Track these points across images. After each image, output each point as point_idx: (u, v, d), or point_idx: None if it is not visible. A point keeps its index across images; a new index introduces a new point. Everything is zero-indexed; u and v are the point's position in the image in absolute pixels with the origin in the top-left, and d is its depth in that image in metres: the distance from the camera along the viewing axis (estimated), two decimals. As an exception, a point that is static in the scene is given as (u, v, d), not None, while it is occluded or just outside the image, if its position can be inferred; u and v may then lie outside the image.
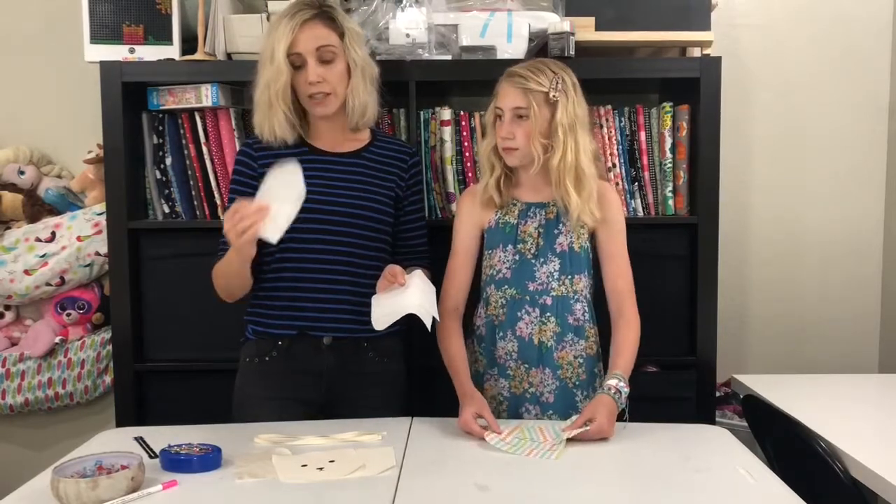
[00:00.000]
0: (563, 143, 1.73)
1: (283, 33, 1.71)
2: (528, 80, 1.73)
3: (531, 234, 1.82)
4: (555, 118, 1.74)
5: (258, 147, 1.82)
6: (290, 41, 1.71)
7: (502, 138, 1.76)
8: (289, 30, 1.71)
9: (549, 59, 1.84)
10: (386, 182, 1.85)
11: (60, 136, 2.51)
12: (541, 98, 1.73)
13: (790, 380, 2.17)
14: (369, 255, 1.81)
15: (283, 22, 1.73)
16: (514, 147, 1.76)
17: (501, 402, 1.83)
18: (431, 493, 1.37)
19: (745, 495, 1.37)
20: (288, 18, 1.73)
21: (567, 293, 1.81)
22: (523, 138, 1.74)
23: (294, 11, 1.74)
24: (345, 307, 1.78)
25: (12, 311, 2.45)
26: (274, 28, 1.75)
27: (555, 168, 1.75)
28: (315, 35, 1.73)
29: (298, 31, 1.72)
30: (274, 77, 1.72)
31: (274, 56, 1.72)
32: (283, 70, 1.72)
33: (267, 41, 1.76)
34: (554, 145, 1.74)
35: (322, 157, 1.83)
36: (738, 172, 2.54)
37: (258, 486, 1.39)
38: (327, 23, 1.75)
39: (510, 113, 1.75)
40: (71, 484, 1.27)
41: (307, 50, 1.73)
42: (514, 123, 1.75)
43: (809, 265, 2.60)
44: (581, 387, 1.81)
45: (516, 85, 1.74)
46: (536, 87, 1.73)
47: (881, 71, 2.57)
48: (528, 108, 1.73)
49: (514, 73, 1.76)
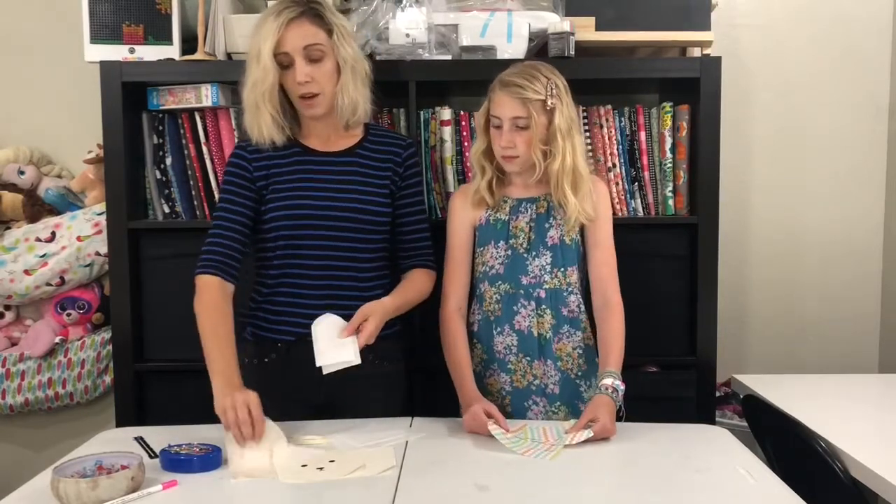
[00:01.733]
0: (562, 147, 1.75)
1: (269, 32, 1.68)
2: (525, 90, 1.73)
3: (522, 228, 1.83)
4: (552, 124, 1.75)
5: (252, 150, 1.79)
6: (277, 40, 1.68)
7: (503, 147, 1.76)
8: (275, 28, 1.68)
9: (538, 63, 1.83)
10: (382, 179, 1.82)
11: (60, 136, 2.51)
12: (539, 106, 1.74)
13: (790, 380, 2.17)
14: (369, 256, 1.80)
15: (268, 20, 1.69)
16: (516, 155, 1.77)
17: (504, 396, 1.84)
18: (431, 493, 1.37)
19: (745, 495, 1.37)
20: (274, 17, 1.69)
21: (560, 286, 1.81)
22: (524, 146, 1.76)
23: (280, 9, 1.69)
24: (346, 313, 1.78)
25: (12, 311, 2.45)
26: (260, 27, 1.70)
27: (555, 173, 1.76)
28: (302, 33, 1.70)
29: (285, 29, 1.68)
30: (261, 77, 1.69)
31: (260, 56, 1.68)
32: (270, 70, 1.69)
33: (253, 40, 1.71)
34: (553, 151, 1.76)
35: (315, 157, 1.80)
36: (738, 172, 2.54)
37: (258, 486, 1.39)
38: (314, 20, 1.72)
39: (509, 123, 1.75)
40: (71, 484, 1.27)
41: (294, 49, 1.69)
42: (514, 133, 1.75)
43: (809, 265, 2.61)
44: (585, 377, 1.83)
45: (514, 95, 1.74)
46: (534, 96, 1.73)
47: (881, 71, 2.57)
48: (528, 118, 1.73)
49: (509, 82, 1.75)
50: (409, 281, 1.84)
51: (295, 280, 1.78)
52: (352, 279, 1.79)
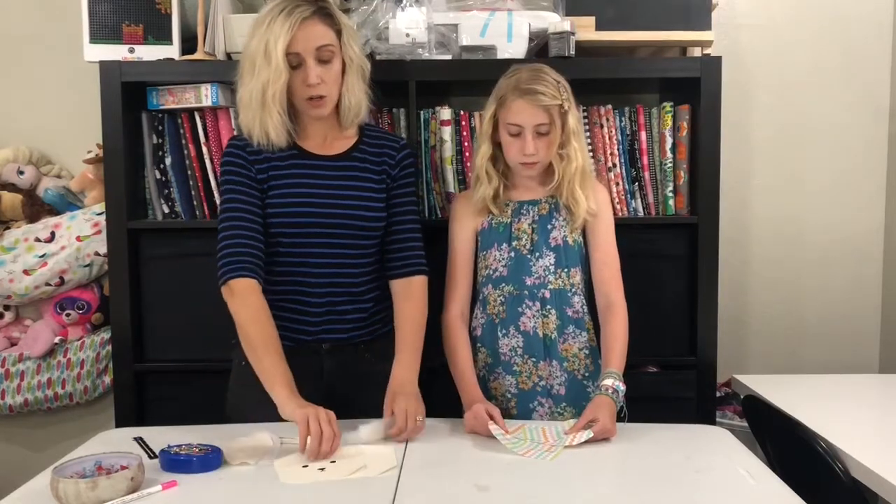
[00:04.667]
0: (575, 148, 1.78)
1: (280, 31, 1.61)
2: (545, 96, 1.73)
3: (525, 230, 1.83)
4: (567, 126, 1.76)
5: (251, 150, 1.74)
6: (289, 40, 1.63)
7: (527, 155, 1.76)
8: (287, 28, 1.62)
9: (541, 65, 1.82)
10: (378, 182, 1.80)
11: (60, 136, 2.50)
12: (557, 110, 1.75)
13: (790, 380, 2.17)
14: (367, 261, 1.79)
15: (279, 19, 1.62)
16: (538, 161, 1.78)
17: (510, 398, 1.83)
18: (431, 493, 1.37)
19: (746, 495, 1.37)
20: (285, 15, 1.62)
21: (564, 286, 1.81)
22: (545, 151, 1.77)
23: (291, 7, 1.63)
24: (345, 317, 1.77)
25: (12, 312, 2.45)
26: (268, 24, 1.63)
27: (570, 175, 1.78)
28: (315, 34, 1.65)
29: (298, 29, 1.63)
30: (273, 78, 1.63)
31: (270, 55, 1.61)
32: (283, 71, 1.63)
33: (259, 37, 1.64)
34: (569, 153, 1.77)
35: (312, 160, 1.77)
36: (738, 172, 2.54)
37: (257, 486, 1.39)
38: (326, 20, 1.68)
39: (533, 130, 1.75)
40: (70, 484, 1.27)
41: (307, 50, 1.65)
42: (537, 139, 1.76)
43: (809, 265, 2.60)
44: (592, 378, 1.82)
45: (535, 102, 1.73)
46: (553, 102, 1.74)
47: (881, 71, 2.57)
48: (549, 124, 1.74)
49: (528, 89, 1.73)
50: (407, 321, 1.76)
51: (294, 287, 1.76)
52: (350, 282, 1.78)
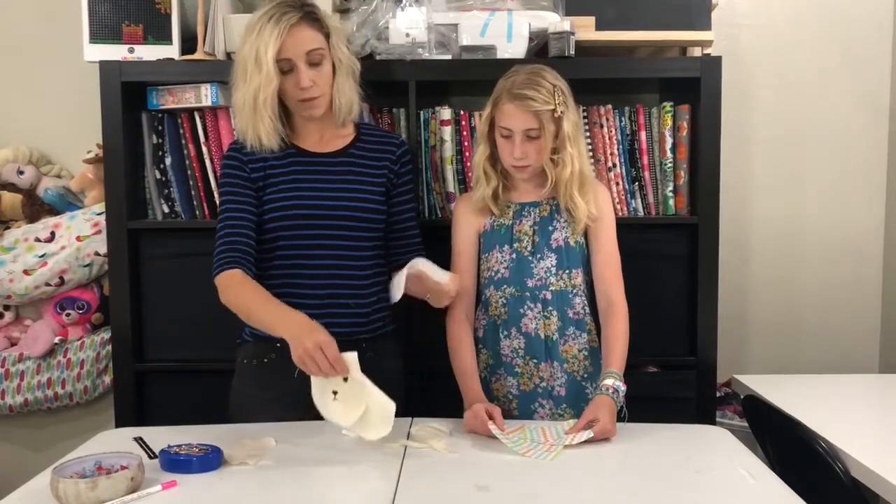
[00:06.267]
0: (571, 153, 1.76)
1: (270, 38, 1.65)
2: (535, 101, 1.72)
3: (526, 232, 1.83)
4: (561, 131, 1.75)
5: (247, 152, 1.78)
6: (279, 47, 1.66)
7: (516, 159, 1.76)
8: (276, 35, 1.65)
9: (540, 67, 1.81)
10: (377, 178, 1.83)
11: (60, 136, 2.50)
12: (548, 116, 1.74)
13: (790, 380, 2.17)
14: (366, 255, 1.80)
15: (268, 26, 1.66)
16: (528, 164, 1.77)
17: (511, 400, 1.84)
18: (431, 493, 1.37)
19: (746, 495, 1.37)
20: (274, 22, 1.66)
21: (566, 287, 1.81)
22: (535, 155, 1.76)
23: (279, 14, 1.67)
24: (344, 311, 1.78)
25: (12, 311, 2.45)
26: (258, 32, 1.67)
27: (565, 179, 1.77)
28: (304, 39, 1.69)
29: (286, 35, 1.66)
30: (264, 84, 1.67)
31: (261, 61, 1.65)
32: (273, 77, 1.67)
33: (249, 44, 1.68)
34: (563, 158, 1.76)
35: (310, 158, 1.80)
36: (738, 172, 2.54)
37: (257, 486, 1.39)
38: (313, 24, 1.71)
39: (522, 135, 1.75)
40: (70, 484, 1.27)
41: (297, 55, 1.68)
42: (526, 143, 1.75)
43: (809, 265, 2.60)
44: (591, 379, 1.82)
45: (525, 108, 1.73)
46: (544, 107, 1.72)
47: (881, 71, 2.57)
48: (540, 129, 1.74)
49: (519, 94, 1.73)
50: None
51: (294, 280, 1.77)
52: (351, 278, 1.79)
